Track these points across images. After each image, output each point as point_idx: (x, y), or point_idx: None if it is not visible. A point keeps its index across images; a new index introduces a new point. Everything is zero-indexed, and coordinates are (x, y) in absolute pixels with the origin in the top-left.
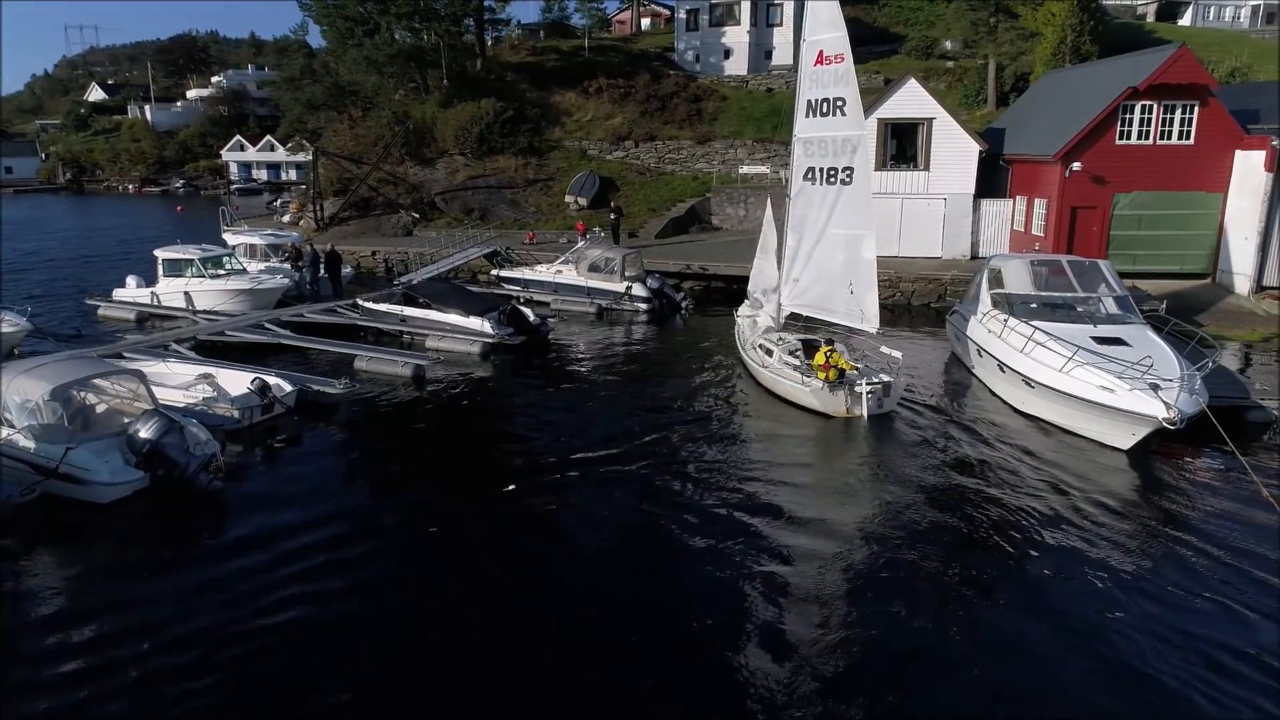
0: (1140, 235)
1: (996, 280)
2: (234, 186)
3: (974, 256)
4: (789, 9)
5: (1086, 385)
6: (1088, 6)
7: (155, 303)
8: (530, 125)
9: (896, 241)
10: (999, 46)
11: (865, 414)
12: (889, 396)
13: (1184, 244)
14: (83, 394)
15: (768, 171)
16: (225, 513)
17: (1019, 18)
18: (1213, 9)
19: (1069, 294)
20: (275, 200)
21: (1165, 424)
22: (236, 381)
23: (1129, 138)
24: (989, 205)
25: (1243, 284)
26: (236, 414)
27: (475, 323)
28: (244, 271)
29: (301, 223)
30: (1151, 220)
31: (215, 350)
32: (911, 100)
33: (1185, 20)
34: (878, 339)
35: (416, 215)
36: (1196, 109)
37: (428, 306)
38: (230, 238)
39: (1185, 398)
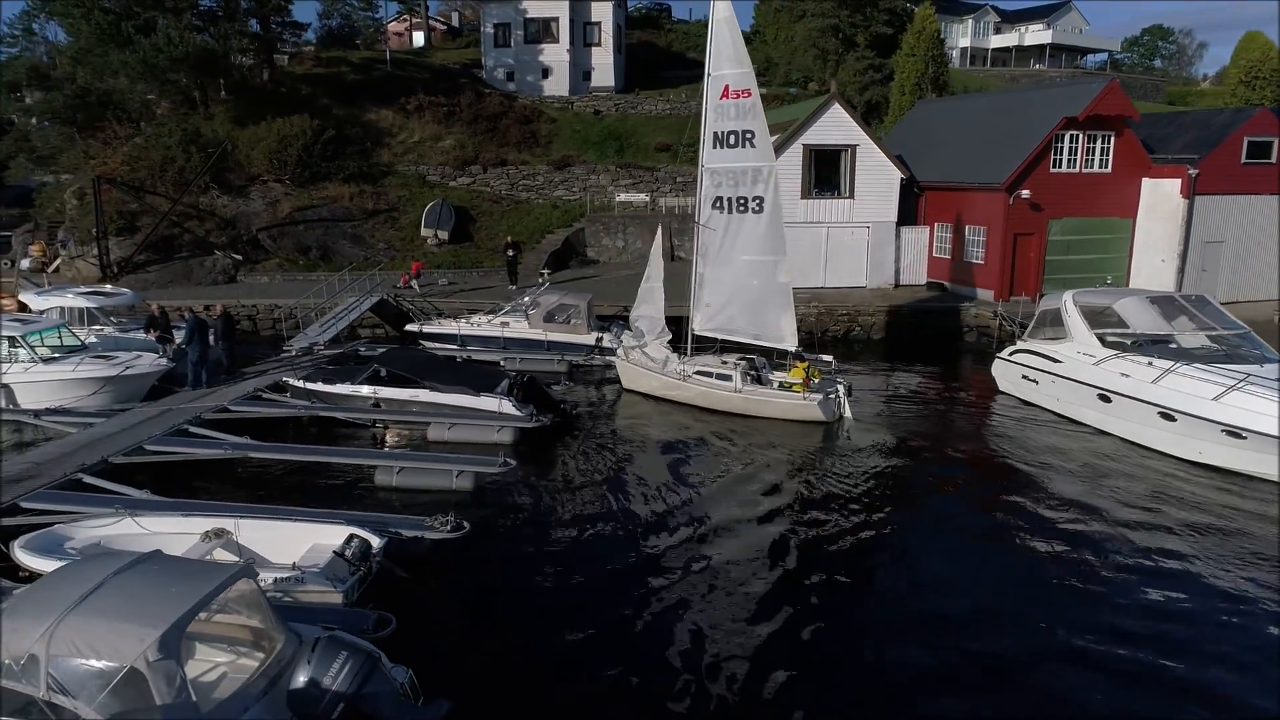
0: (1070, 260)
1: (1106, 319)
2: None
3: (897, 285)
4: (608, 28)
5: None
6: (939, 42)
7: None
8: (357, 148)
9: (822, 272)
10: (851, 76)
11: (849, 414)
12: (850, 396)
13: (1105, 267)
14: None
15: (647, 199)
16: None
17: (860, 47)
18: (955, 53)
19: (1212, 332)
20: None
21: None
22: (274, 538)
23: (1061, 166)
24: (908, 233)
25: None
26: (339, 598)
27: (490, 402)
28: (83, 348)
29: (56, 268)
30: (1079, 245)
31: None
32: (835, 126)
33: None
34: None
35: (238, 256)
36: (1113, 139)
37: (412, 384)
38: (34, 299)
39: None
